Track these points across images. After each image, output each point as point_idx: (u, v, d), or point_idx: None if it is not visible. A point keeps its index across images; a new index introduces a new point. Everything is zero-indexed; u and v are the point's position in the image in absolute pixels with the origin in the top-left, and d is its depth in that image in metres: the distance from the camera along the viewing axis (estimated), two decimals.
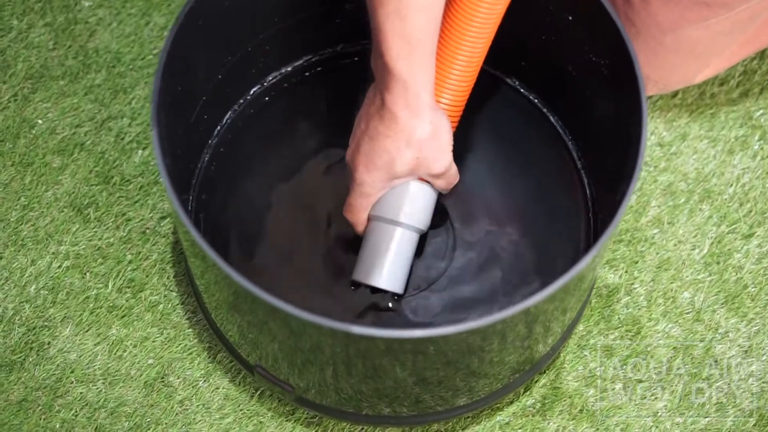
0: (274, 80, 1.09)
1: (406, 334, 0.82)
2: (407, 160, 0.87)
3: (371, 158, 0.88)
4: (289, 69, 1.09)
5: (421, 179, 0.91)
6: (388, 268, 0.94)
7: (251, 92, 1.08)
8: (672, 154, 1.17)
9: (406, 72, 0.83)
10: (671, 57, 1.10)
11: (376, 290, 0.97)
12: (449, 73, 0.89)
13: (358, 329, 0.79)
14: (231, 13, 0.96)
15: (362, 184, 0.90)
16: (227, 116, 1.07)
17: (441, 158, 0.89)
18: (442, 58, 0.89)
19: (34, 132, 1.16)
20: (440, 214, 1.05)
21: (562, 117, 1.07)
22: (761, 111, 1.19)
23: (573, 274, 0.83)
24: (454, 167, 0.92)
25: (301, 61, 1.10)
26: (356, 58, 1.11)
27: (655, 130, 1.18)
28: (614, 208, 0.87)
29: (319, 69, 1.10)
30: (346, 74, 1.11)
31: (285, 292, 0.86)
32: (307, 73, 1.10)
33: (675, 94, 1.20)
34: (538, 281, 1.03)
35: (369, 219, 0.94)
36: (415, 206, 0.92)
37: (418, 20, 0.80)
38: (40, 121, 1.17)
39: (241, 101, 1.07)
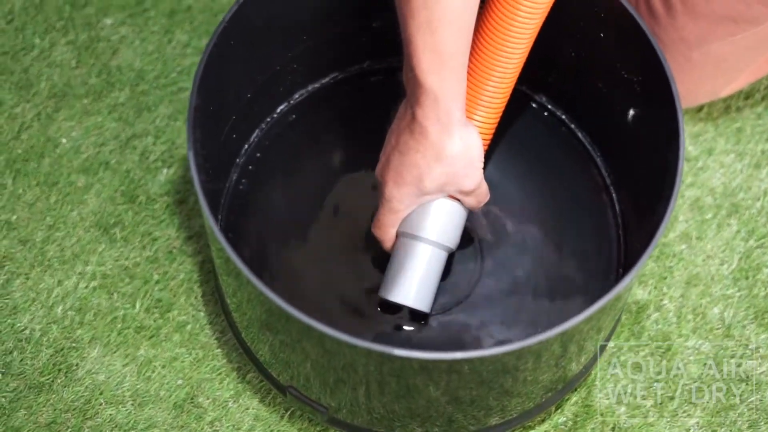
0: (301, 98, 1.09)
1: (444, 356, 0.81)
2: (437, 175, 0.87)
3: (401, 173, 0.87)
4: (316, 86, 1.09)
5: (451, 196, 0.90)
6: (415, 286, 0.93)
7: (278, 110, 1.07)
8: (699, 168, 1.17)
9: (437, 86, 0.82)
10: (698, 72, 1.09)
11: (402, 308, 0.96)
12: (483, 90, 0.89)
13: (399, 352, 0.79)
14: (262, 32, 0.96)
15: (391, 199, 0.89)
16: (255, 135, 1.06)
17: (471, 175, 0.88)
18: (475, 75, 0.88)
19: (58, 151, 1.16)
20: (469, 233, 1.05)
21: (591, 133, 1.07)
22: None
23: (611, 297, 0.83)
24: (485, 185, 0.91)
25: (327, 78, 1.09)
26: (382, 75, 1.11)
27: None
28: (648, 228, 0.87)
29: (345, 86, 1.10)
30: (373, 91, 1.11)
31: (312, 309, 0.85)
32: (334, 90, 1.10)
33: (700, 109, 1.20)
34: (567, 299, 1.03)
35: (397, 236, 0.93)
36: (444, 224, 0.91)
37: (449, 33, 0.80)
38: (64, 140, 1.16)
39: (268, 119, 1.07)
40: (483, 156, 0.88)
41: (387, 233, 0.93)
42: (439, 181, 0.87)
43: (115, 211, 1.13)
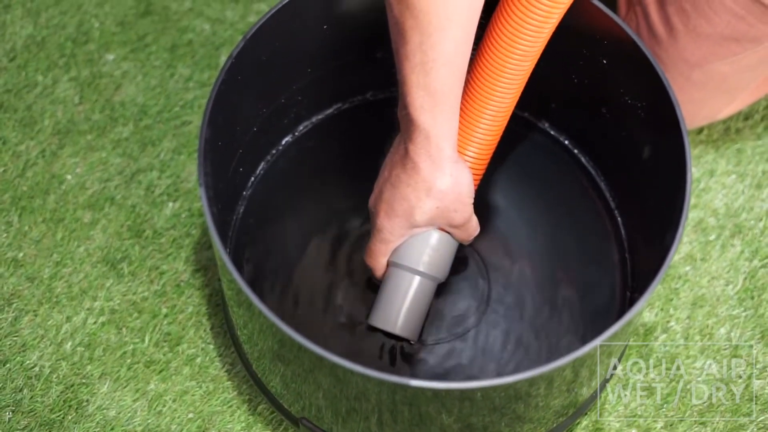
0: (305, 129, 1.09)
1: (458, 386, 0.82)
2: (427, 209, 0.88)
3: (392, 205, 0.89)
4: (320, 117, 1.09)
5: (441, 229, 0.92)
6: (404, 315, 0.95)
7: (283, 142, 1.08)
8: (701, 190, 1.17)
9: (429, 124, 0.84)
10: (698, 92, 1.10)
11: (391, 335, 0.98)
12: (475, 128, 0.91)
13: (416, 383, 0.79)
14: (268, 65, 0.97)
15: (382, 230, 0.91)
16: (261, 167, 1.07)
17: (461, 210, 0.90)
18: (468, 114, 0.90)
19: (63, 187, 1.16)
20: (474, 260, 1.06)
21: (595, 159, 1.07)
22: None
23: (623, 323, 0.83)
24: (474, 219, 0.93)
25: (331, 110, 1.10)
26: (385, 105, 1.11)
27: None
28: (656, 252, 0.88)
29: (348, 116, 1.11)
30: (376, 121, 1.11)
31: (319, 336, 0.86)
32: (337, 121, 1.11)
33: (700, 131, 1.21)
34: (574, 326, 1.04)
35: (388, 265, 0.95)
36: (434, 256, 0.93)
37: (442, 74, 0.82)
38: (69, 177, 1.17)
39: (274, 152, 1.08)
40: (473, 192, 0.90)
41: (378, 262, 0.94)
42: (429, 214, 0.89)
43: (121, 246, 1.13)
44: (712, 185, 1.18)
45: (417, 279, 0.93)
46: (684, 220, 0.85)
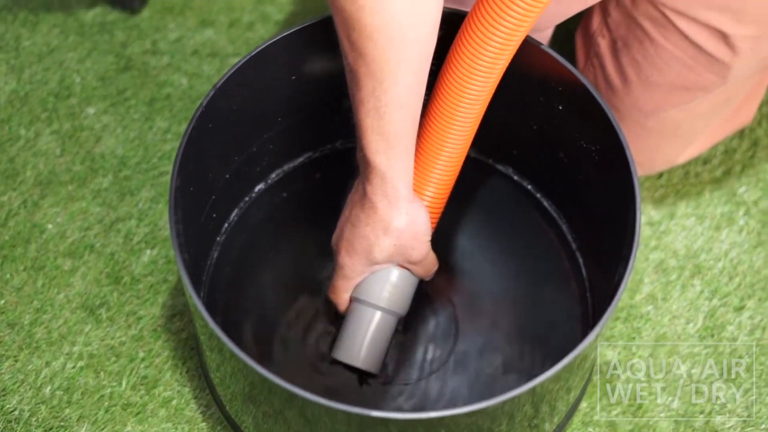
0: (277, 177, 1.13)
1: (420, 416, 0.85)
2: (385, 247, 0.92)
3: (352, 243, 0.93)
4: (291, 165, 1.13)
5: (401, 265, 0.96)
6: (366, 348, 0.98)
7: (256, 189, 1.12)
8: (661, 232, 1.21)
9: (385, 165, 0.88)
10: (654, 139, 1.15)
11: (353, 369, 1.01)
12: (431, 170, 0.94)
13: (376, 413, 0.83)
14: (238, 115, 1.00)
15: (344, 267, 0.95)
16: (233, 214, 1.10)
17: (418, 247, 0.93)
18: (424, 156, 0.94)
19: (44, 236, 1.20)
20: (442, 301, 1.09)
21: (556, 202, 1.11)
22: (744, 188, 1.24)
23: (576, 354, 0.86)
24: (432, 255, 0.97)
25: (302, 158, 1.14)
26: (353, 154, 1.15)
27: (644, 210, 1.23)
28: (611, 289, 0.91)
29: (319, 165, 1.15)
30: (345, 170, 1.15)
31: (292, 380, 0.88)
32: (308, 169, 1.14)
33: (661, 175, 1.25)
34: (539, 362, 1.07)
35: (351, 300, 0.98)
36: (394, 292, 0.96)
37: (395, 118, 0.85)
38: (50, 226, 1.21)
39: (247, 198, 1.11)
40: (429, 230, 0.94)
41: (341, 298, 0.98)
42: (387, 252, 0.93)
43: (100, 293, 1.17)
44: (673, 227, 1.22)
45: (378, 314, 0.97)
46: (634, 253, 0.88)
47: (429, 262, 0.96)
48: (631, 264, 0.88)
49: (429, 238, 0.94)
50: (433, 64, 0.86)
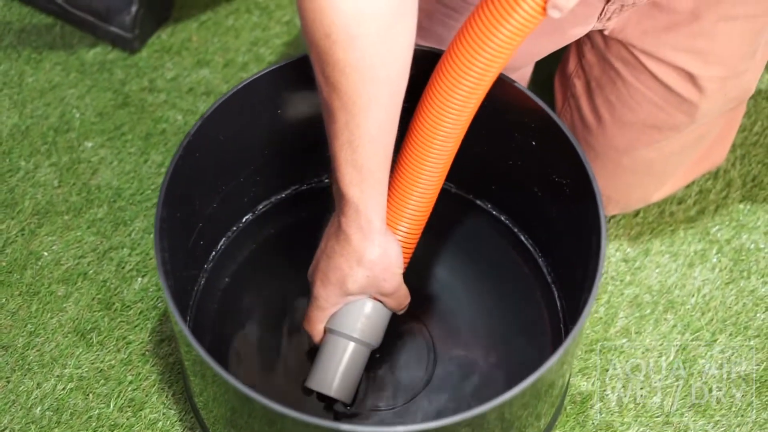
0: (265, 209, 1.17)
1: (390, 430, 0.88)
2: (358, 278, 0.94)
3: (326, 274, 0.96)
4: (278, 197, 1.17)
5: (374, 297, 0.98)
6: (339, 378, 1.00)
7: (244, 219, 1.16)
8: (636, 268, 1.25)
9: (358, 198, 0.90)
10: (629, 177, 1.19)
11: (327, 398, 1.03)
12: (405, 205, 0.97)
13: (346, 426, 0.86)
14: (225, 145, 1.04)
15: (318, 297, 0.98)
16: (221, 242, 1.14)
17: (390, 279, 0.96)
18: (398, 191, 0.96)
19: (40, 263, 1.24)
20: (420, 332, 1.13)
21: (532, 236, 1.15)
22: (717, 227, 1.28)
23: (537, 376, 0.88)
24: (404, 288, 0.99)
25: (288, 191, 1.18)
26: None
27: (620, 247, 1.27)
28: (576, 315, 0.94)
29: (305, 198, 1.18)
30: (330, 203, 1.19)
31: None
32: (295, 202, 1.18)
33: (636, 214, 1.29)
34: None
35: (325, 331, 1.01)
36: (367, 323, 0.99)
37: (368, 151, 0.88)
38: (45, 253, 1.25)
39: (234, 228, 1.15)
40: (401, 262, 0.96)
41: (315, 328, 1.00)
42: (360, 283, 0.95)
43: (92, 318, 1.21)
44: (647, 264, 1.25)
45: (352, 345, 0.99)
46: (598, 281, 0.91)
47: (401, 295, 0.99)
48: (594, 290, 0.91)
49: (401, 270, 0.96)
50: (409, 101, 0.89)
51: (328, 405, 1.07)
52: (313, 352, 1.05)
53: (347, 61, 0.82)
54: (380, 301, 0.99)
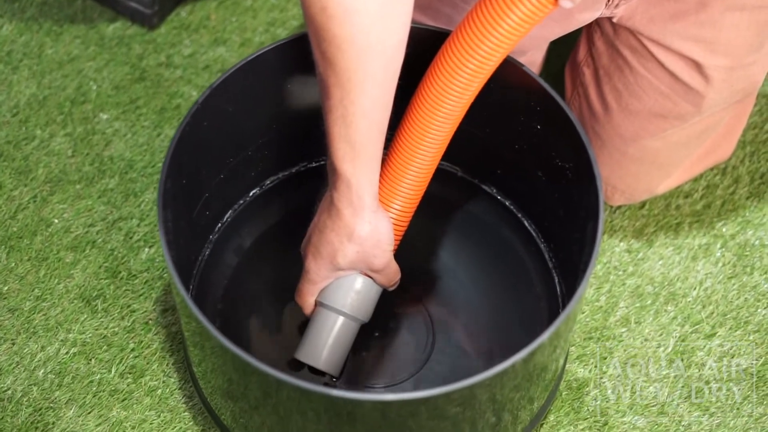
0: (272, 184, 1.18)
1: (385, 397, 0.89)
2: (348, 252, 0.95)
3: (318, 248, 0.97)
4: (286, 173, 1.18)
5: (365, 273, 0.99)
6: (327, 351, 1.01)
7: (251, 194, 1.17)
8: (639, 259, 1.26)
9: (350, 173, 0.91)
10: (635, 167, 1.19)
11: (315, 370, 1.04)
12: (399, 184, 0.97)
13: (336, 392, 0.87)
14: (233, 116, 1.05)
15: (309, 271, 0.99)
16: (228, 214, 1.16)
17: (380, 255, 0.96)
18: (393, 170, 0.97)
19: (50, 230, 1.26)
20: (421, 314, 1.14)
21: (535, 221, 1.15)
22: (723, 222, 1.28)
23: (524, 354, 0.89)
24: (394, 265, 1.00)
25: (297, 167, 1.19)
26: None
27: (624, 238, 1.27)
28: (567, 297, 0.95)
29: (314, 175, 1.19)
30: None
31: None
32: (303, 178, 1.19)
33: (642, 206, 1.29)
34: None
35: (316, 304, 1.02)
36: (357, 299, 1.00)
37: (361, 127, 0.88)
38: (56, 221, 1.27)
39: (241, 201, 1.16)
40: (392, 240, 0.97)
41: (306, 301, 1.01)
42: (350, 258, 0.96)
43: (98, 285, 1.22)
44: (651, 255, 1.26)
45: (341, 319, 1.00)
46: (593, 260, 0.92)
47: (391, 272, 0.99)
48: (589, 270, 0.92)
49: (391, 248, 0.97)
50: (407, 79, 0.89)
51: (316, 378, 1.09)
52: (305, 326, 1.07)
53: (343, 37, 0.83)
54: (370, 277, 1.00)
